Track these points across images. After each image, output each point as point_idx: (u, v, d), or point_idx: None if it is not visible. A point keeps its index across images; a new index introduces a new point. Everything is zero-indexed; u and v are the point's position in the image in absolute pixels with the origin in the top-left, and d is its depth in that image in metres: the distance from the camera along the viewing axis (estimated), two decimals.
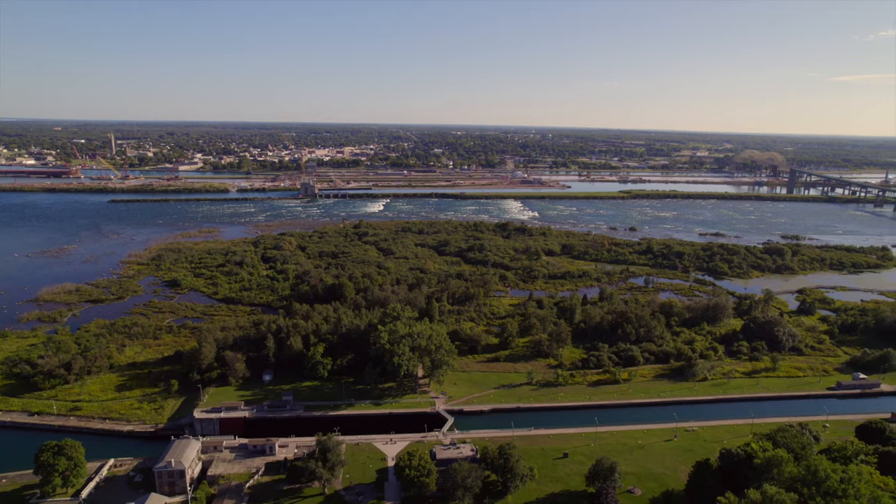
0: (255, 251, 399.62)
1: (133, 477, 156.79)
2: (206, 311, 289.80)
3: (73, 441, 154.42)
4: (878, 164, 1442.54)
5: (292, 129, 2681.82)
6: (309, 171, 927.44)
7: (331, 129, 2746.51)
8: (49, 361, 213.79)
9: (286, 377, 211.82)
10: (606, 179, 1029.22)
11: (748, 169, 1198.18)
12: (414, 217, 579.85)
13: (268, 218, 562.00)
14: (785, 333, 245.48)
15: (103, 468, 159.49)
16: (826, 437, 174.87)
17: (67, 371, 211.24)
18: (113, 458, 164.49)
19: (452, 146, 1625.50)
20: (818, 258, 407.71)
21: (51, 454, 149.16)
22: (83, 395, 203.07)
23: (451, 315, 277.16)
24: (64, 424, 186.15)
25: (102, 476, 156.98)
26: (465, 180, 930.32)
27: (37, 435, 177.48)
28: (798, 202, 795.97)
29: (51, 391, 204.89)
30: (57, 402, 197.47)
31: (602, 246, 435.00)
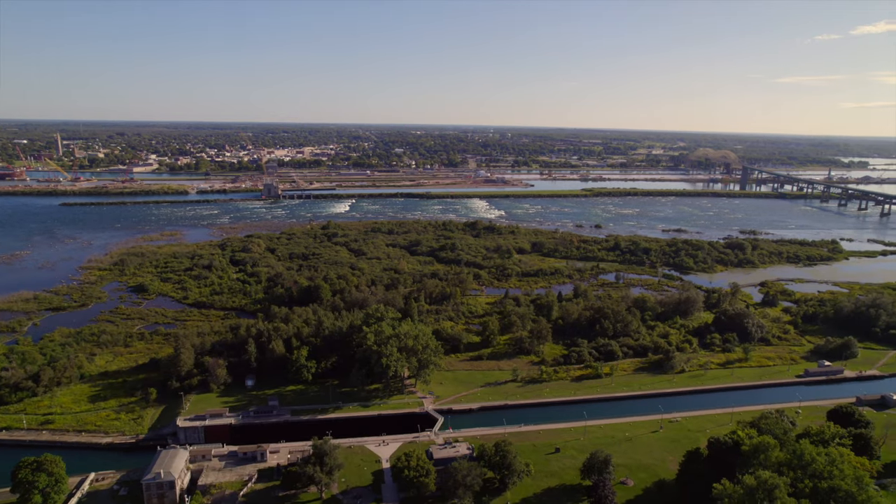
0: (222, 254, 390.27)
1: (117, 490, 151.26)
2: (177, 317, 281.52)
3: (53, 456, 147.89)
4: (819, 161, 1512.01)
5: (248, 129, 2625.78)
6: (270, 172, 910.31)
7: (288, 129, 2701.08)
8: (15, 374, 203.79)
9: (269, 382, 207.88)
10: (568, 178, 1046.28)
11: (703, 166, 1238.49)
12: (381, 217, 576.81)
13: (232, 220, 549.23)
14: (754, 325, 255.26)
15: (84, 483, 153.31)
16: (801, 423, 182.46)
17: (35, 383, 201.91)
18: (94, 472, 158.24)
19: (413, 146, 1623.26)
20: (776, 252, 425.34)
21: (29, 471, 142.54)
22: (54, 408, 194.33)
23: (429, 315, 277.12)
24: (36, 439, 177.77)
25: (84, 491, 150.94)
26: (428, 180, 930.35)
27: (6, 452, 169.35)
28: (751, 198, 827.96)
29: (18, 405, 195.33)
30: (27, 416, 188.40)
31: (571, 243, 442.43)
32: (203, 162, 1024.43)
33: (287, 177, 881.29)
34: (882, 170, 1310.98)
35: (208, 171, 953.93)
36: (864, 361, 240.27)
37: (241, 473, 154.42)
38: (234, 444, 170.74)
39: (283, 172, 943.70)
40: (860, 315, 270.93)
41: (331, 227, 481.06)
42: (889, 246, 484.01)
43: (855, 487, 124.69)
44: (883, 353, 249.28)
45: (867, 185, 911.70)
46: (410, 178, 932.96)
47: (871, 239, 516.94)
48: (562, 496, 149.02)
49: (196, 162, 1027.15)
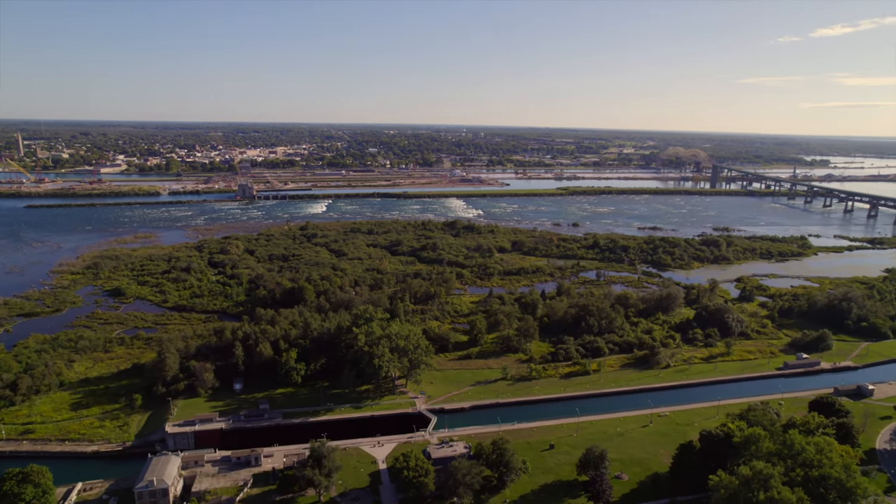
0: (200, 256, 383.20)
1: (107, 500, 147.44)
2: (157, 321, 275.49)
3: (39, 466, 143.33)
4: (783, 159, 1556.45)
5: (218, 128, 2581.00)
6: (244, 173, 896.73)
7: (259, 128, 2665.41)
8: None
9: (257, 385, 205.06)
10: (542, 177, 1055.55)
11: (673, 165, 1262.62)
12: (359, 217, 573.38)
13: (207, 221, 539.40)
14: (734, 320, 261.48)
15: (72, 493, 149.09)
16: (784, 414, 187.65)
17: (13, 392, 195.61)
18: (81, 482, 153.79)
19: (387, 145, 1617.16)
20: (749, 248, 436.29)
21: (15, 482, 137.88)
22: (34, 417, 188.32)
23: (415, 315, 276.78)
24: (16, 450, 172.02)
25: (72, 502, 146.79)
26: (404, 179, 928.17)
27: None
28: (722, 196, 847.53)
29: None
30: (5, 426, 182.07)
31: (551, 242, 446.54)
32: (174, 162, 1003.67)
33: (261, 177, 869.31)
34: (842, 168, 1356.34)
35: (180, 171, 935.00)
36: (838, 353, 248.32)
37: (236, 479, 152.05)
38: (226, 448, 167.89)
39: (257, 173, 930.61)
40: (833, 309, 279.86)
41: (309, 228, 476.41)
42: (854, 242, 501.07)
43: (844, 475, 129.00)
44: (855, 344, 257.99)
45: (830, 183, 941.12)
46: (386, 178, 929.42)
47: (837, 235, 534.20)
48: (559, 492, 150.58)
49: (166, 162, 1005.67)
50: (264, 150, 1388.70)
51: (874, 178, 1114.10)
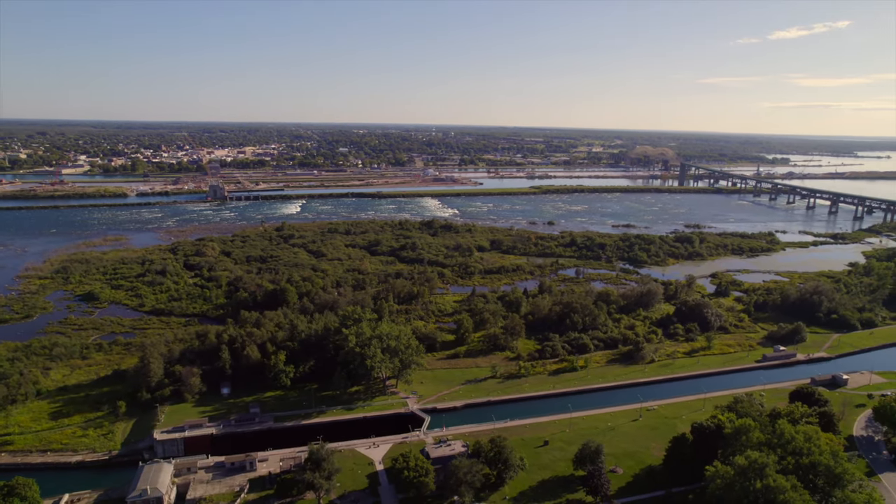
0: (175, 259, 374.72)
1: None
2: (135, 325, 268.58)
3: (25, 479, 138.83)
4: (746, 157, 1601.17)
5: (183, 128, 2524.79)
6: (213, 173, 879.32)
7: (226, 128, 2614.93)
8: None
9: (245, 389, 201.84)
10: (515, 176, 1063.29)
11: (642, 163, 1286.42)
12: (334, 218, 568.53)
13: (178, 223, 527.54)
14: (713, 315, 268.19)
15: None
16: (766, 405, 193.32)
17: None
18: (67, 494, 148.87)
19: (357, 145, 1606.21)
20: (721, 245, 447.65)
21: (0, 496, 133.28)
22: (12, 428, 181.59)
23: (400, 315, 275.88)
24: None
25: None
26: (377, 179, 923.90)
27: None
28: (691, 193, 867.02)
29: None
30: None
31: (529, 240, 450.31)
32: (139, 163, 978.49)
33: (231, 178, 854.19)
34: (802, 166, 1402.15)
35: (146, 172, 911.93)
36: (811, 345, 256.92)
37: (231, 485, 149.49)
38: (217, 454, 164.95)
39: (227, 173, 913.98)
40: (805, 302, 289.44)
41: (286, 229, 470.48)
42: (818, 237, 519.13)
43: (832, 461, 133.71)
44: (827, 336, 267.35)
45: (791, 181, 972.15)
46: (359, 178, 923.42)
47: (802, 231, 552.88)
48: (557, 487, 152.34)
49: (132, 163, 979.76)
50: (233, 150, 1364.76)
51: (832, 175, 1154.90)
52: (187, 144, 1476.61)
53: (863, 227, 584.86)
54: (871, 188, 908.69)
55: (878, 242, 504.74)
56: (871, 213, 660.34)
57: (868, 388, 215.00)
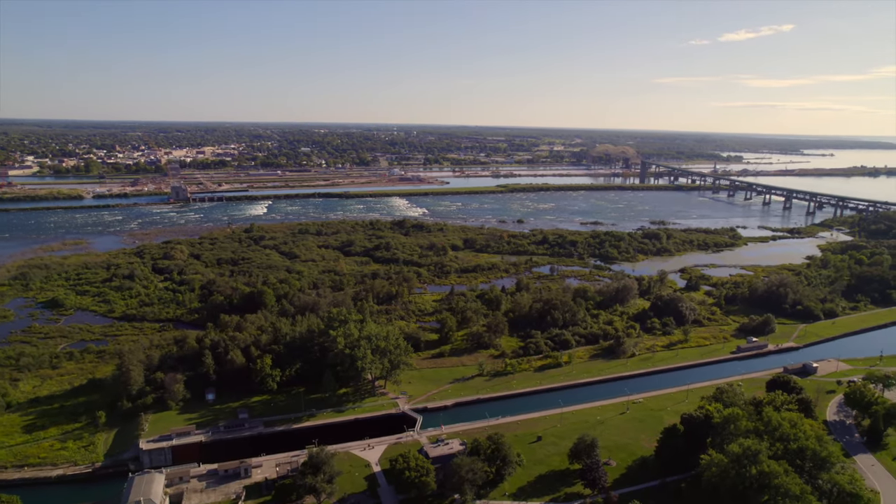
0: (142, 262, 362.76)
1: None
2: (106, 332, 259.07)
3: (9, 496, 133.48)
4: (702, 155, 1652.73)
5: (136, 127, 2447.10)
6: (173, 174, 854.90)
7: (181, 128, 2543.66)
8: None
9: (231, 394, 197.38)
10: (480, 175, 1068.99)
11: (603, 162, 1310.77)
12: (303, 218, 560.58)
13: (141, 226, 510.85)
14: (687, 308, 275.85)
15: None
16: (746, 394, 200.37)
17: None
18: None
19: (320, 145, 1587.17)
20: (687, 240, 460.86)
21: None
22: None
23: (380, 315, 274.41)
24: None
25: None
26: (343, 179, 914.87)
27: None
28: (652, 191, 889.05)
29: None
30: None
31: (502, 239, 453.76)
32: (94, 164, 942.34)
33: (193, 179, 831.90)
34: (755, 163, 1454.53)
35: (102, 173, 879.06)
36: (780, 335, 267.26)
37: (227, 492, 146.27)
38: (207, 462, 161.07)
39: (188, 174, 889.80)
40: (772, 294, 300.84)
41: (255, 230, 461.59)
42: (776, 232, 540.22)
43: (818, 446, 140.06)
44: (794, 327, 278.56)
45: (746, 178, 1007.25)
46: (324, 178, 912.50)
47: (761, 226, 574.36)
48: (554, 482, 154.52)
49: (85, 164, 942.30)
50: (191, 150, 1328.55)
51: (783, 172, 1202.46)
52: (143, 144, 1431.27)
53: (815, 222, 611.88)
54: (819, 184, 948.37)
55: (830, 236, 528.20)
56: (821, 209, 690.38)
57: (836, 374, 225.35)
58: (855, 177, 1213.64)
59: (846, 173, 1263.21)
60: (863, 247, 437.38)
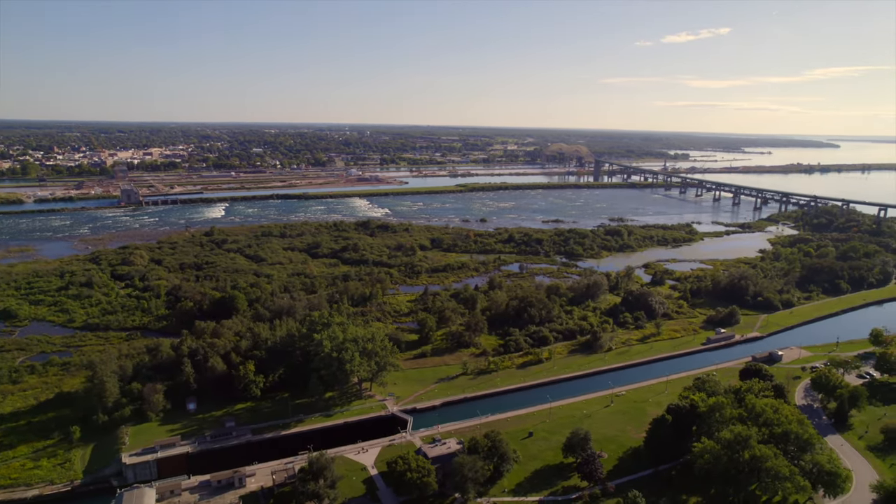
0: (99, 269, 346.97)
1: None
2: (69, 343, 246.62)
3: None
4: (651, 153, 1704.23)
5: (74, 127, 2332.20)
6: (121, 176, 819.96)
7: (123, 128, 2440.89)
8: None
9: (212, 402, 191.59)
10: (437, 174, 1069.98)
11: (557, 160, 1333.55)
12: (263, 220, 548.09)
13: (93, 230, 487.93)
14: (657, 303, 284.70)
15: None
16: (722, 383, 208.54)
17: None
18: None
19: (272, 145, 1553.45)
20: (647, 236, 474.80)
21: None
22: None
23: (356, 316, 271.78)
24: None
25: None
26: (300, 180, 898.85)
27: None
28: (607, 189, 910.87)
29: None
30: None
31: (468, 238, 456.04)
32: (31, 166, 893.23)
33: (143, 181, 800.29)
34: (701, 161, 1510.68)
35: (41, 176, 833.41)
36: (745, 326, 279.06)
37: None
38: (195, 474, 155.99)
39: (137, 176, 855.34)
40: (734, 287, 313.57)
41: (216, 234, 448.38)
42: (728, 227, 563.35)
43: (800, 429, 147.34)
44: (756, 317, 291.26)
45: (695, 175, 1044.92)
46: (281, 179, 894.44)
47: (714, 221, 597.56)
48: (551, 476, 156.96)
49: (21, 166, 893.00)
50: (137, 151, 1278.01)
51: (728, 170, 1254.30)
52: (83, 145, 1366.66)
53: (762, 217, 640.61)
54: (761, 181, 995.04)
55: (777, 230, 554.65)
56: (767, 204, 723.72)
57: (799, 361, 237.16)
58: (792, 174, 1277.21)
59: (784, 170, 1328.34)
60: (809, 240, 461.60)
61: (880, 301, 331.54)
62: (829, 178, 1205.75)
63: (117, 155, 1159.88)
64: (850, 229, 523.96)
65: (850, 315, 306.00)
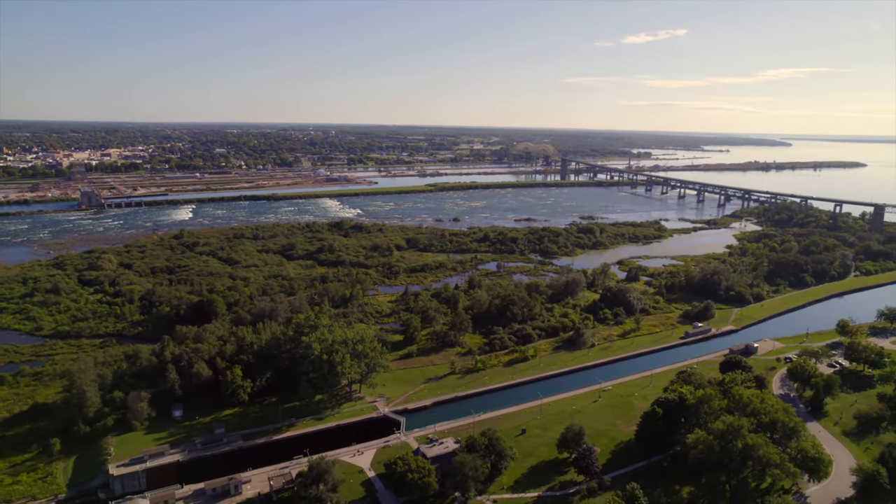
0: (65, 274, 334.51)
1: None
2: (38, 352, 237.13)
3: None
4: (615, 152, 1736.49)
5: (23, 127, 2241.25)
6: (80, 178, 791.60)
7: (77, 128, 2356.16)
8: None
9: (199, 409, 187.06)
10: (406, 174, 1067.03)
11: (524, 159, 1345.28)
12: (233, 222, 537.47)
13: (53, 234, 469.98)
14: (635, 298, 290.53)
15: None
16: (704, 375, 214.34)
17: None
18: None
19: (236, 146, 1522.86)
20: (619, 234, 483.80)
21: None
22: None
23: (338, 318, 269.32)
24: None
25: None
26: (267, 181, 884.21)
27: None
28: (575, 187, 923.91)
29: None
30: None
31: (444, 237, 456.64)
32: None
33: (103, 183, 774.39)
34: (664, 159, 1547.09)
35: None
36: (719, 320, 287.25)
37: None
38: (186, 483, 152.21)
39: (96, 178, 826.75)
40: (707, 282, 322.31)
41: (186, 236, 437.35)
42: (695, 223, 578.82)
43: (786, 417, 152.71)
44: (729, 311, 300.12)
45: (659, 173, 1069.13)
46: (247, 180, 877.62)
47: (681, 218, 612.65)
48: (548, 471, 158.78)
49: None
50: (94, 152, 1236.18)
51: (689, 167, 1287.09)
52: (35, 146, 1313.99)
53: (726, 214, 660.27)
54: (722, 178, 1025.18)
55: (740, 226, 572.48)
56: (730, 201, 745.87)
57: (773, 352, 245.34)
58: (750, 171, 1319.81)
59: (743, 168, 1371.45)
60: (773, 235, 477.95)
61: (841, 293, 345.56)
62: (785, 175, 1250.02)
63: (73, 156, 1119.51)
64: (809, 224, 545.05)
65: (815, 307, 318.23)
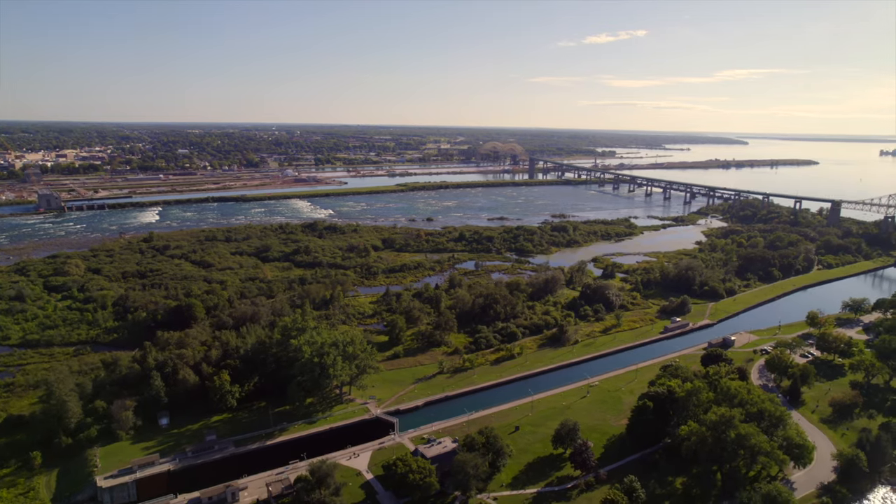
0: (29, 281, 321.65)
1: None
2: (8, 363, 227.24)
3: None
4: (580, 151, 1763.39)
5: None
6: (35, 180, 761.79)
7: (27, 127, 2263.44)
8: None
9: (186, 416, 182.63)
10: (375, 174, 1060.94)
11: (492, 159, 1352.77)
12: (203, 224, 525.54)
13: (11, 240, 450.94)
14: (614, 295, 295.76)
15: None
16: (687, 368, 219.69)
17: None
18: None
19: (198, 146, 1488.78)
20: (591, 231, 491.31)
21: None
22: None
23: (321, 320, 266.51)
24: None
25: None
26: (234, 182, 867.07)
27: None
28: (544, 186, 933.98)
29: None
30: None
31: (420, 237, 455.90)
32: None
33: (61, 185, 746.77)
34: (628, 158, 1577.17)
35: None
36: (696, 314, 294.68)
37: None
38: (178, 492, 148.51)
39: (53, 180, 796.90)
40: (682, 277, 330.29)
41: (155, 240, 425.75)
42: (664, 220, 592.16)
43: (773, 407, 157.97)
44: (704, 305, 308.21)
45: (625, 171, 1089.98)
46: (214, 182, 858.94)
47: (650, 216, 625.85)
48: (545, 467, 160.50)
49: None
50: (49, 153, 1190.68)
51: (654, 166, 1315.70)
52: None
53: (693, 210, 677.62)
54: (685, 175, 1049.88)
55: (706, 223, 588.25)
56: (695, 198, 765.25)
57: (750, 345, 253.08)
58: (711, 168, 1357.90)
59: (704, 166, 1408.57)
60: (740, 231, 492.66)
61: (806, 286, 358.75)
62: (744, 172, 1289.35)
63: (26, 157, 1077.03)
64: (772, 220, 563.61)
65: (784, 300, 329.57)
